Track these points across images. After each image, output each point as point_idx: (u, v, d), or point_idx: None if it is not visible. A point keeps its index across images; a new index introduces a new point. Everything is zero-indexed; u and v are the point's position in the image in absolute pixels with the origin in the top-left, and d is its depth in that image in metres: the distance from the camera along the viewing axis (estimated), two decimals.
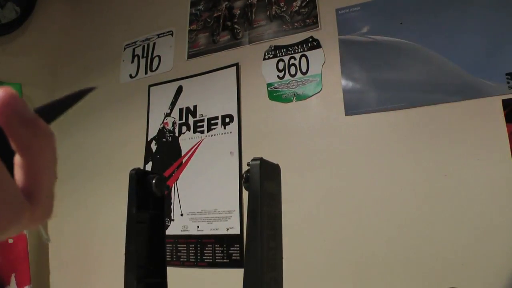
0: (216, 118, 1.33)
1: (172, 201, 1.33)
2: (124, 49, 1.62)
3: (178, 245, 1.28)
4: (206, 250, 1.24)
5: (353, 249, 1.04)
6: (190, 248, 1.26)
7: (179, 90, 1.44)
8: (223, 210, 1.23)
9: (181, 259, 1.27)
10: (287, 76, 1.25)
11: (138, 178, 0.69)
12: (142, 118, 1.48)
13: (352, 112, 1.13)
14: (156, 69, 1.52)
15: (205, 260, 1.23)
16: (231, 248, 1.20)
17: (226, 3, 1.43)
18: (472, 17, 1.05)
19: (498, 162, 0.94)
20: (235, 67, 1.34)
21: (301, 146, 1.18)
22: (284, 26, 1.30)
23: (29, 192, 0.19)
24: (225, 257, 1.21)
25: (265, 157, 0.61)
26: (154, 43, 1.55)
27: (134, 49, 1.60)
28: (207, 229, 1.25)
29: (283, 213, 0.64)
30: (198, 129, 1.36)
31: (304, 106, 1.21)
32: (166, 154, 1.40)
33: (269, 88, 1.27)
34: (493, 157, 0.95)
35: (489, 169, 0.95)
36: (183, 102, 1.42)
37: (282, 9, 1.32)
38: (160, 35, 1.55)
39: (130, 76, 1.57)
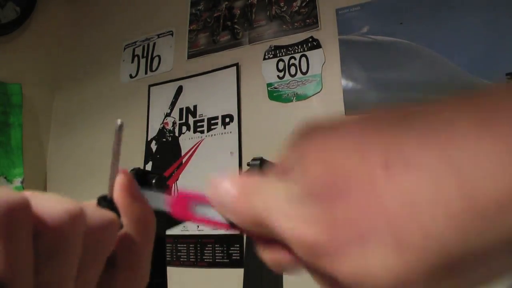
0: (216, 118, 1.33)
1: None
2: (124, 49, 1.62)
3: (178, 245, 1.28)
4: (206, 250, 1.24)
5: None
6: (190, 248, 1.26)
7: (179, 90, 1.44)
8: None
9: (181, 259, 1.27)
10: (287, 76, 1.25)
11: (138, 178, 0.69)
12: (142, 118, 1.48)
13: (352, 112, 1.13)
14: (156, 69, 1.52)
15: (205, 260, 1.23)
16: (231, 248, 1.20)
17: (226, 3, 1.43)
18: (472, 17, 1.05)
19: None
20: (235, 67, 1.34)
21: None
22: (284, 26, 1.30)
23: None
24: (225, 257, 1.21)
25: (265, 157, 0.61)
26: (154, 43, 1.55)
27: (134, 49, 1.60)
28: (207, 229, 1.25)
29: None
30: (198, 129, 1.36)
31: (304, 106, 1.21)
32: (166, 154, 1.40)
33: (269, 88, 1.27)
34: None
35: None
36: (183, 102, 1.42)
37: (282, 9, 1.32)
38: (160, 35, 1.55)
39: (130, 76, 1.57)
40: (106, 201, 0.20)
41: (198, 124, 1.36)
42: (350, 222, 0.14)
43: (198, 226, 1.27)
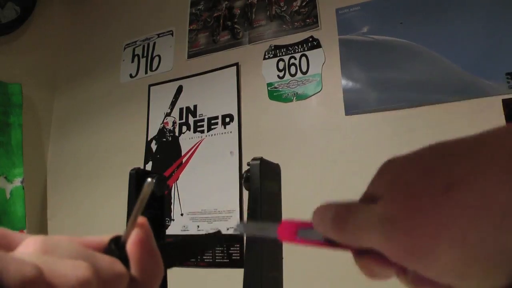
0: (216, 118, 1.33)
1: (172, 201, 1.33)
2: (124, 49, 1.62)
3: None
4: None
5: None
6: None
7: (179, 90, 1.44)
8: (223, 210, 1.23)
9: None
10: (287, 76, 1.25)
11: (138, 178, 0.69)
12: (142, 118, 1.48)
13: (352, 111, 1.13)
14: (156, 69, 1.52)
15: (205, 260, 1.23)
16: (231, 248, 1.20)
17: (226, 3, 1.43)
18: (472, 17, 1.05)
19: None
20: (235, 67, 1.34)
21: (301, 146, 1.18)
22: (284, 26, 1.30)
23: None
24: (225, 257, 1.21)
25: (265, 157, 0.61)
26: (154, 43, 1.55)
27: (134, 49, 1.60)
28: (207, 229, 1.25)
29: (283, 212, 0.64)
30: (198, 129, 1.36)
31: (304, 106, 1.21)
32: (166, 154, 1.40)
33: (269, 88, 1.27)
34: None
35: None
36: (183, 102, 1.42)
37: (282, 9, 1.32)
38: (160, 35, 1.55)
39: (130, 76, 1.57)
40: (117, 246, 0.22)
41: (198, 124, 1.36)
42: (424, 232, 0.19)
43: (198, 226, 1.27)
